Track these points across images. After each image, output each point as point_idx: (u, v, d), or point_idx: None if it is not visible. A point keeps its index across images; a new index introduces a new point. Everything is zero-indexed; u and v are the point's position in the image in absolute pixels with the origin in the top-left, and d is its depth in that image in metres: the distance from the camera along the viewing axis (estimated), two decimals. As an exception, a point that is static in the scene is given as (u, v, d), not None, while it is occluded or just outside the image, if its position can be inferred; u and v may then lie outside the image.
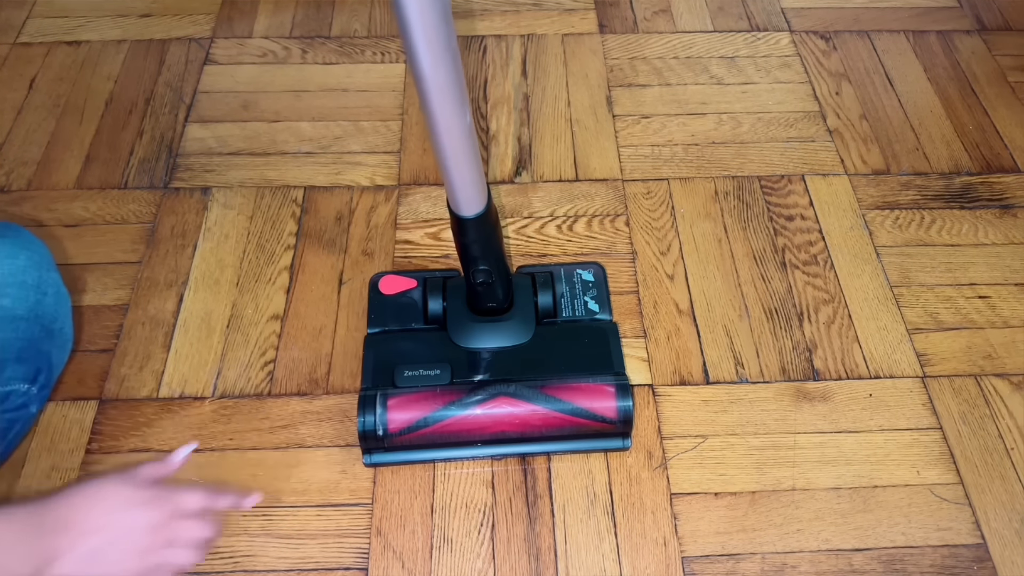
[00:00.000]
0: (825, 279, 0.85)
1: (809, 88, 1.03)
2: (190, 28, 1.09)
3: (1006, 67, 1.07)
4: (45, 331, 0.68)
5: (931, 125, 1.00)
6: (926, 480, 0.72)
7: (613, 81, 1.04)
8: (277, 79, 1.03)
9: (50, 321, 0.68)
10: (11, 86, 1.01)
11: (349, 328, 0.80)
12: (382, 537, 0.68)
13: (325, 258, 0.85)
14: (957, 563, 0.67)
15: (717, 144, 0.97)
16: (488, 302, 0.72)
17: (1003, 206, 0.92)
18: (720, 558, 0.67)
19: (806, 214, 0.90)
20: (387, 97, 1.01)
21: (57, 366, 0.70)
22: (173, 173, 0.92)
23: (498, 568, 0.67)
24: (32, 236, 0.70)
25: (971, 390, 0.77)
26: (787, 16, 1.13)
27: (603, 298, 0.78)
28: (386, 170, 0.93)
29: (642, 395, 0.76)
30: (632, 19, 1.12)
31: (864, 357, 0.79)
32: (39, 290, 0.68)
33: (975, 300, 0.84)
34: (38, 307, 0.67)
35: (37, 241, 0.70)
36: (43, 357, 0.67)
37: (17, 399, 0.65)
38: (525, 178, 0.93)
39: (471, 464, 0.72)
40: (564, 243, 0.87)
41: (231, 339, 0.79)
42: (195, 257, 0.85)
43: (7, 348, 0.64)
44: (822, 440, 0.74)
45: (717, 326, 0.81)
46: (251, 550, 0.67)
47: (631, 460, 0.72)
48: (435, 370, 0.70)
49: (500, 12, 1.12)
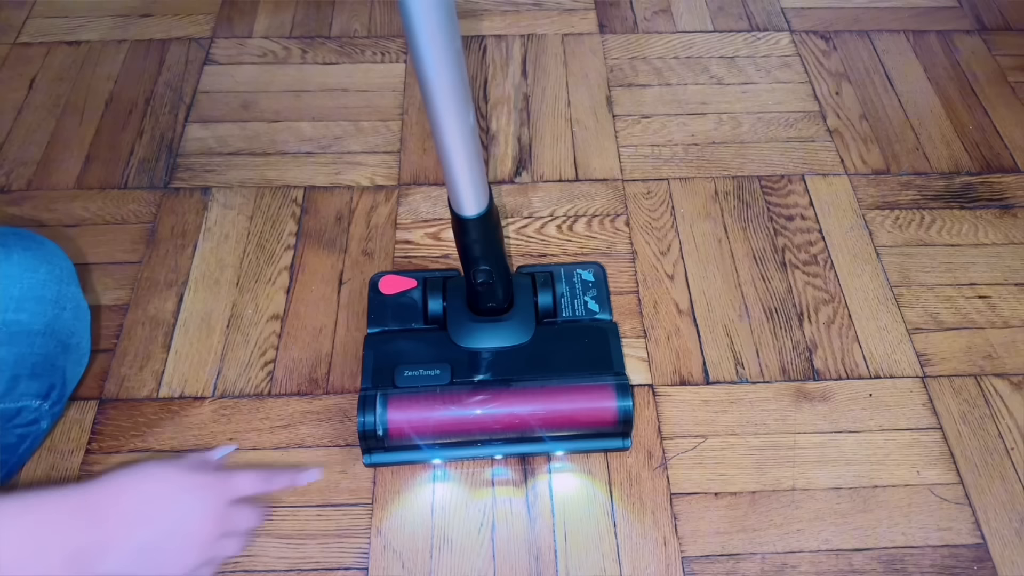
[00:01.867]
0: (825, 279, 0.85)
1: (809, 88, 1.03)
2: (190, 28, 1.09)
3: (1006, 67, 1.07)
4: (61, 346, 0.66)
5: (931, 125, 1.00)
6: (926, 480, 0.72)
7: (613, 81, 1.04)
8: (277, 79, 1.03)
9: (67, 336, 0.67)
10: (11, 86, 1.01)
11: (349, 328, 0.80)
12: (382, 537, 0.68)
13: (325, 258, 0.85)
14: (957, 563, 0.67)
15: (717, 144, 0.97)
16: (488, 302, 0.72)
17: (1003, 206, 0.92)
18: (720, 558, 0.67)
19: (806, 214, 0.90)
20: (387, 97, 1.01)
21: (71, 381, 0.69)
22: (173, 173, 0.92)
23: (498, 568, 0.67)
24: (55, 248, 0.69)
25: (971, 390, 0.77)
26: (787, 16, 1.13)
27: (603, 298, 0.78)
28: (386, 170, 0.93)
29: (642, 395, 0.76)
30: (632, 19, 1.12)
31: (864, 357, 0.79)
32: (58, 304, 0.66)
33: (975, 300, 0.84)
34: (56, 322, 0.66)
35: (60, 253, 0.69)
36: (58, 373, 0.66)
37: (29, 415, 0.64)
38: (525, 178, 0.93)
39: (471, 464, 0.72)
40: (564, 243, 0.87)
41: (231, 339, 0.79)
42: (195, 257, 0.85)
43: (22, 364, 0.62)
44: (822, 440, 0.74)
45: (717, 326, 0.81)
46: (251, 550, 0.67)
47: (631, 460, 0.72)
48: (435, 370, 0.70)
49: (500, 12, 1.12)
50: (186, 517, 0.46)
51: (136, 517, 0.43)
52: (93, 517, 0.42)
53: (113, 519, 0.43)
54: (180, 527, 0.45)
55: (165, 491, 0.46)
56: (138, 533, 0.43)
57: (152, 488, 0.45)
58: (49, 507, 0.41)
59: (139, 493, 0.45)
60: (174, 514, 0.45)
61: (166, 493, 0.45)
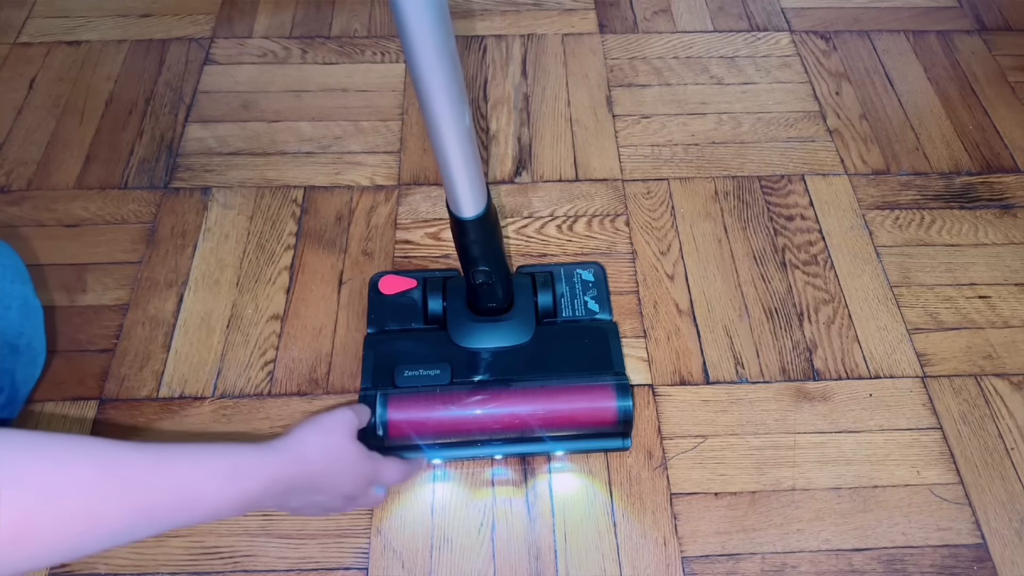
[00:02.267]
0: (825, 279, 0.85)
1: (809, 88, 1.03)
2: (190, 28, 1.09)
3: (1006, 67, 1.07)
4: (8, 347, 0.64)
5: (931, 125, 1.00)
6: (926, 480, 0.72)
7: (613, 81, 1.04)
8: (277, 79, 1.03)
9: (14, 337, 0.65)
10: (11, 86, 1.01)
11: (349, 328, 0.80)
12: (382, 537, 0.68)
13: (325, 258, 0.85)
14: (957, 563, 0.67)
15: (717, 144, 0.97)
16: (488, 302, 0.72)
17: (1003, 206, 0.92)
18: (720, 558, 0.67)
19: (806, 214, 0.90)
20: (387, 97, 1.01)
21: (24, 383, 0.67)
22: (173, 173, 0.92)
23: (498, 568, 0.67)
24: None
25: (971, 390, 0.77)
26: (787, 16, 1.13)
27: (603, 298, 0.78)
28: (386, 170, 0.93)
29: (642, 395, 0.76)
30: (632, 19, 1.12)
31: (864, 357, 0.79)
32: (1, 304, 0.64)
33: (975, 300, 0.84)
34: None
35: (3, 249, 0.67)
36: (5, 375, 0.64)
37: None
38: (525, 178, 0.93)
39: (471, 464, 0.72)
40: (564, 243, 0.87)
41: (231, 339, 0.79)
42: (195, 257, 0.85)
43: None
44: (822, 440, 0.74)
45: (717, 326, 0.81)
46: (251, 550, 0.67)
47: (631, 460, 0.72)
48: (435, 370, 0.70)
49: (500, 12, 1.12)
50: (350, 458, 0.56)
51: (316, 457, 0.53)
52: (290, 457, 0.51)
53: (301, 459, 0.52)
54: (346, 466, 0.55)
55: (337, 439, 0.55)
56: (318, 468, 0.53)
57: (327, 436, 0.55)
58: (250, 450, 0.49)
59: (318, 439, 0.54)
60: (342, 455, 0.55)
61: (338, 440, 0.55)
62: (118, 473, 0.40)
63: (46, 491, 0.36)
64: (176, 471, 0.43)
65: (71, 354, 0.78)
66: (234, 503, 0.46)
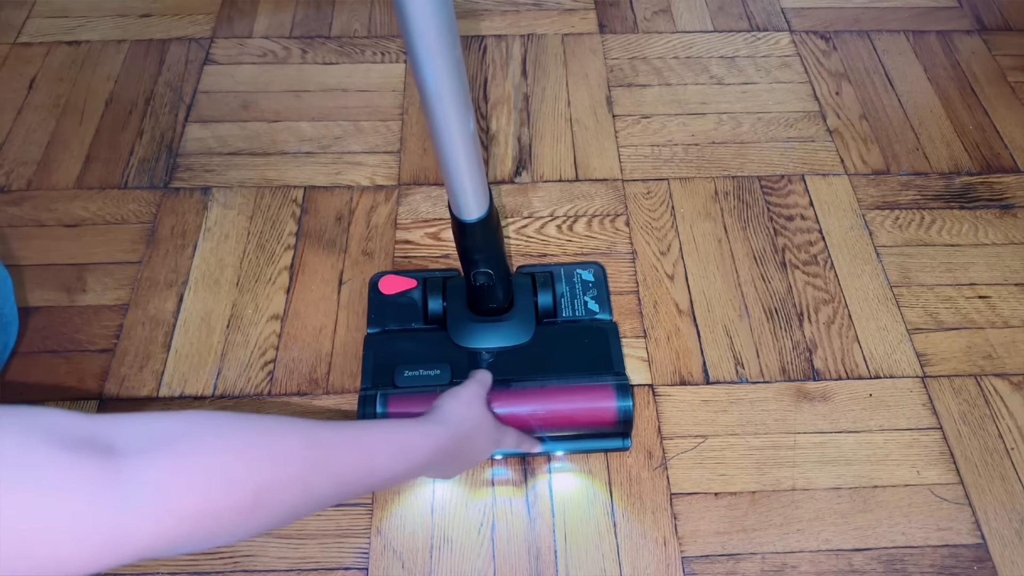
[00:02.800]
0: (825, 279, 0.85)
1: (809, 88, 1.03)
2: (190, 28, 1.09)
3: (1006, 67, 1.07)
4: None
5: (931, 125, 1.00)
6: (926, 480, 0.72)
7: (613, 81, 1.04)
8: (277, 79, 1.03)
9: None
10: (11, 86, 1.01)
11: (349, 328, 0.80)
12: (382, 537, 0.68)
13: (325, 258, 0.85)
14: (957, 563, 0.67)
15: (717, 144, 0.97)
16: (488, 302, 0.72)
17: (1003, 206, 0.92)
18: (720, 558, 0.67)
19: (806, 214, 0.90)
20: (387, 97, 1.01)
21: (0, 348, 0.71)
22: (173, 173, 0.92)
23: (498, 568, 0.67)
24: None
25: (971, 390, 0.77)
26: (787, 16, 1.13)
27: (603, 298, 0.78)
28: (386, 170, 0.93)
29: (642, 395, 0.76)
30: (632, 19, 1.12)
31: (864, 357, 0.79)
32: None
33: (975, 300, 0.84)
34: None
35: None
36: None
37: None
38: (525, 178, 0.93)
39: (471, 464, 0.72)
40: (564, 243, 0.87)
41: (231, 339, 0.79)
42: (195, 257, 0.85)
43: None
44: (822, 440, 0.74)
45: (717, 326, 0.81)
46: (251, 550, 0.67)
47: (631, 460, 0.72)
48: (435, 370, 0.70)
49: (500, 12, 1.12)
50: (485, 419, 0.62)
51: (462, 417, 0.59)
52: (442, 419, 0.57)
53: (451, 420, 0.57)
54: (483, 426, 0.61)
55: (477, 404, 0.61)
56: (465, 428, 0.58)
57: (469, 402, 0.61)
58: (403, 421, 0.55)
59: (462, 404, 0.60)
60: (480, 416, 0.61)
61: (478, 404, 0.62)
62: (321, 446, 0.44)
63: (274, 463, 0.39)
64: (363, 445, 0.48)
65: (71, 354, 0.78)
66: (405, 473, 0.52)
